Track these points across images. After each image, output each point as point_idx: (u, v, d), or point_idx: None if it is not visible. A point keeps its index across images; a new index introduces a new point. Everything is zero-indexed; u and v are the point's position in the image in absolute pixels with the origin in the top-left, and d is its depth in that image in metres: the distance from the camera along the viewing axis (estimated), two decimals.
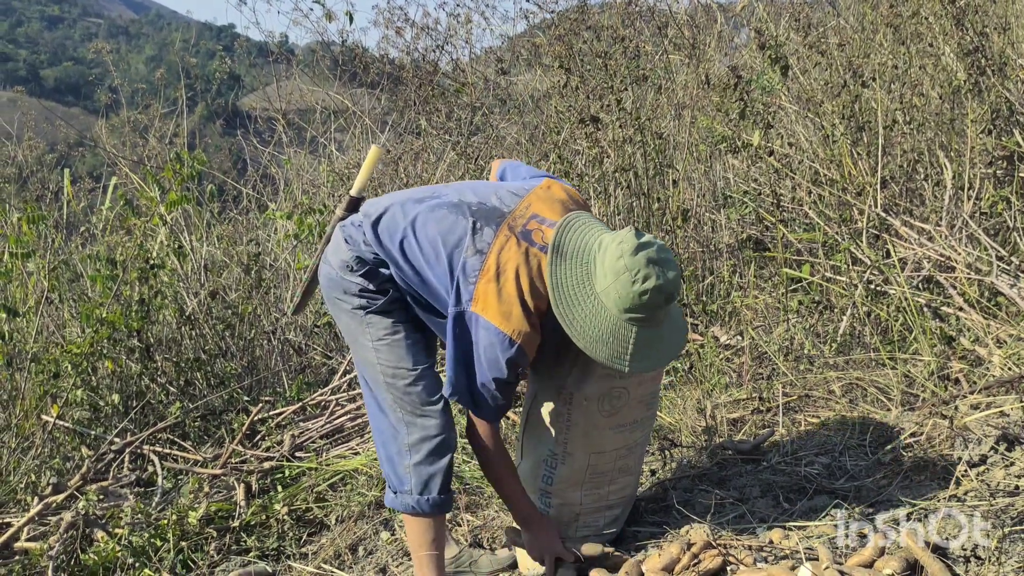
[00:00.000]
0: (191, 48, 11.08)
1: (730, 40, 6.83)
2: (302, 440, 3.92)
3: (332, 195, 5.90)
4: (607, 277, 2.21)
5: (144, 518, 3.33)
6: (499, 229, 2.34)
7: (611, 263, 2.21)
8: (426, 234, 2.39)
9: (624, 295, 2.19)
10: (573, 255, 2.27)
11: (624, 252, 2.19)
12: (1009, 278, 3.74)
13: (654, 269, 2.18)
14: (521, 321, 2.26)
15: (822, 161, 4.51)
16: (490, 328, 2.26)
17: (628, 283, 2.18)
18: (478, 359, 2.30)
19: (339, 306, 2.50)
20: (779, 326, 4.10)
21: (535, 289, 2.29)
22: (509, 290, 2.27)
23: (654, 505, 2.89)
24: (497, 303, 2.26)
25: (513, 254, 2.30)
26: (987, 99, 4.36)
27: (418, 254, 2.39)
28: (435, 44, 7.24)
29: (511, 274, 2.28)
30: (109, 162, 6.32)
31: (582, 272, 2.26)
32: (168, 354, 4.66)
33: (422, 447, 2.43)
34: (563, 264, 2.27)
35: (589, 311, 2.24)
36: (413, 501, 2.45)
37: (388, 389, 2.45)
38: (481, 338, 2.28)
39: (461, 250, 2.33)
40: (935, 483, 2.64)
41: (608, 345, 2.23)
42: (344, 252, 2.47)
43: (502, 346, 2.26)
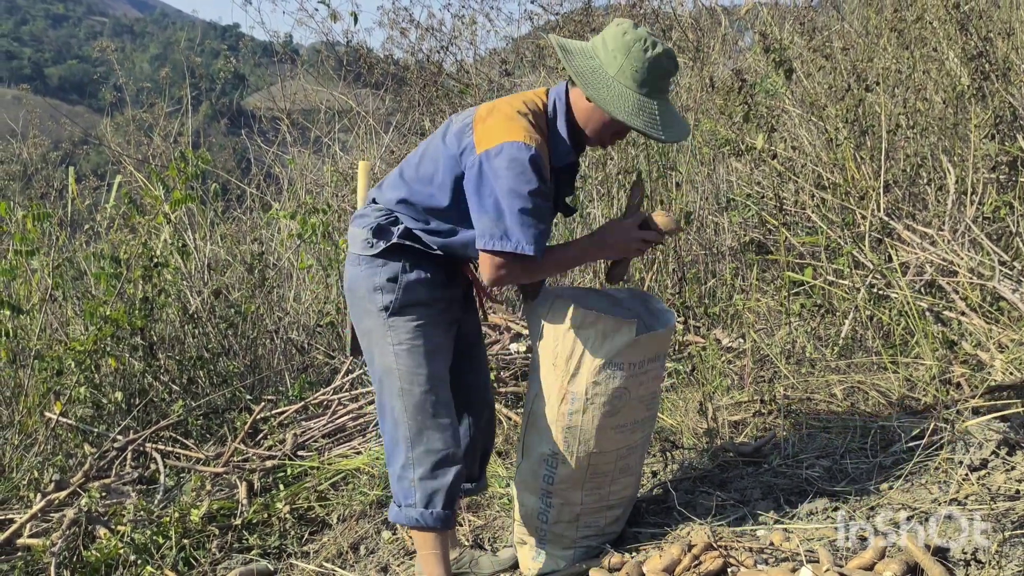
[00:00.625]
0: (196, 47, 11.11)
1: (734, 43, 6.84)
2: (304, 439, 3.93)
3: (336, 195, 5.92)
4: (618, 57, 2.29)
5: (146, 515, 3.35)
6: (476, 107, 2.44)
7: (617, 42, 2.30)
8: (416, 152, 2.48)
9: (639, 65, 2.28)
10: (578, 52, 2.35)
11: (627, 29, 2.30)
12: (1011, 283, 3.75)
13: (656, 38, 2.32)
14: (528, 128, 2.29)
15: (825, 165, 4.51)
16: (502, 147, 2.26)
17: (641, 52, 2.28)
18: (504, 190, 2.26)
19: (363, 309, 2.48)
20: (781, 329, 4.10)
21: (529, 104, 2.36)
22: (505, 111, 2.32)
23: (655, 506, 2.89)
24: (498, 127, 2.29)
25: (498, 101, 2.40)
26: (991, 104, 4.36)
27: (416, 168, 2.43)
28: (439, 45, 7.26)
29: (501, 104, 2.36)
30: (113, 160, 6.35)
31: (591, 65, 2.32)
32: (171, 352, 4.68)
33: (427, 460, 2.43)
34: (574, 59, 2.33)
35: (613, 94, 2.29)
36: (417, 515, 2.44)
37: (402, 397, 2.43)
38: (498, 165, 2.27)
39: (449, 128, 2.41)
40: (936, 486, 2.64)
41: (641, 117, 2.30)
42: (361, 232, 2.47)
43: (520, 152, 2.25)
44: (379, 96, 7.63)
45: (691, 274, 4.69)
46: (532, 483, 2.66)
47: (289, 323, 5.12)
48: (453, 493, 2.47)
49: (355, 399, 4.20)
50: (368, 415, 4.02)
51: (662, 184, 4.88)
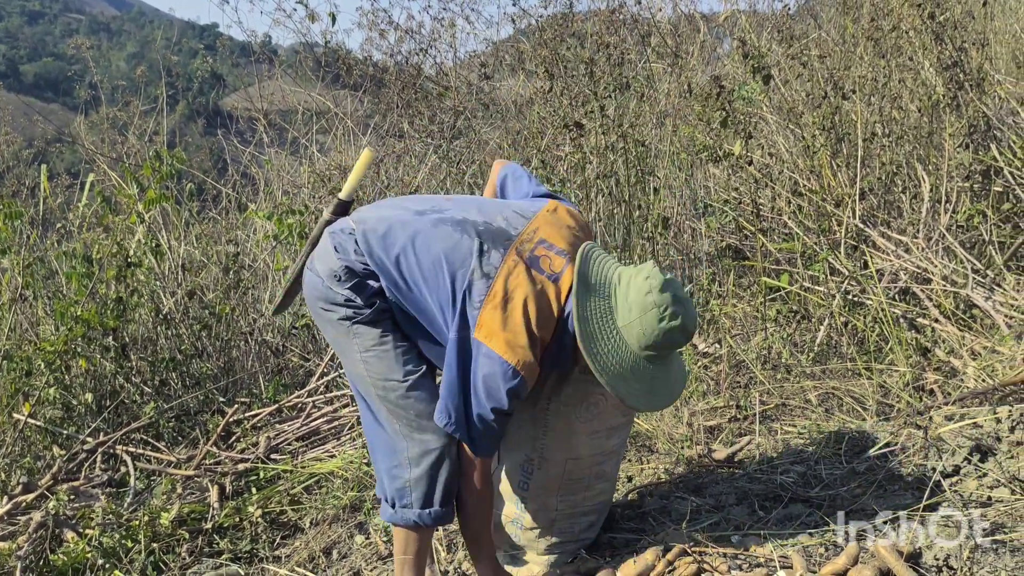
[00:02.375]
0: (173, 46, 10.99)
1: (712, 50, 6.88)
2: (278, 442, 3.89)
3: (313, 196, 5.88)
4: (632, 312, 2.20)
5: (115, 519, 3.30)
6: (507, 253, 2.27)
7: (638, 298, 2.20)
8: (428, 251, 2.29)
9: (649, 331, 2.19)
10: (596, 289, 2.24)
11: (653, 288, 2.19)
12: (984, 291, 3.78)
13: (680, 307, 2.20)
14: (526, 352, 2.20)
15: (802, 172, 4.54)
16: (493, 357, 2.19)
17: (655, 319, 2.18)
18: (475, 388, 2.23)
19: (324, 316, 2.40)
20: (757, 335, 4.12)
21: (542, 319, 2.23)
22: (516, 319, 2.20)
23: (630, 512, 2.89)
24: (502, 331, 2.19)
25: (521, 280, 2.24)
26: (965, 114, 4.41)
27: (416, 272, 2.30)
28: (419, 47, 7.24)
29: (519, 302, 2.22)
30: (87, 159, 6.27)
31: (604, 306, 2.24)
32: (143, 353, 4.62)
33: (423, 460, 2.35)
34: (588, 298, 2.23)
35: (611, 346, 2.22)
36: (415, 515, 2.38)
37: (382, 401, 2.36)
38: (482, 366, 2.21)
39: (466, 271, 2.25)
40: (909, 493, 2.65)
41: (628, 382, 2.23)
42: (332, 261, 2.35)
43: (504, 376, 2.20)
44: (357, 98, 7.60)
45: None
46: (507, 489, 2.64)
47: (264, 325, 5.07)
48: (450, 488, 2.40)
49: (330, 402, 4.16)
50: (343, 418, 3.99)
51: (640, 189, 4.89)
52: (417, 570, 2.47)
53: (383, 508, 2.45)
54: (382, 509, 2.46)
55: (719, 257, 4.87)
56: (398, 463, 2.37)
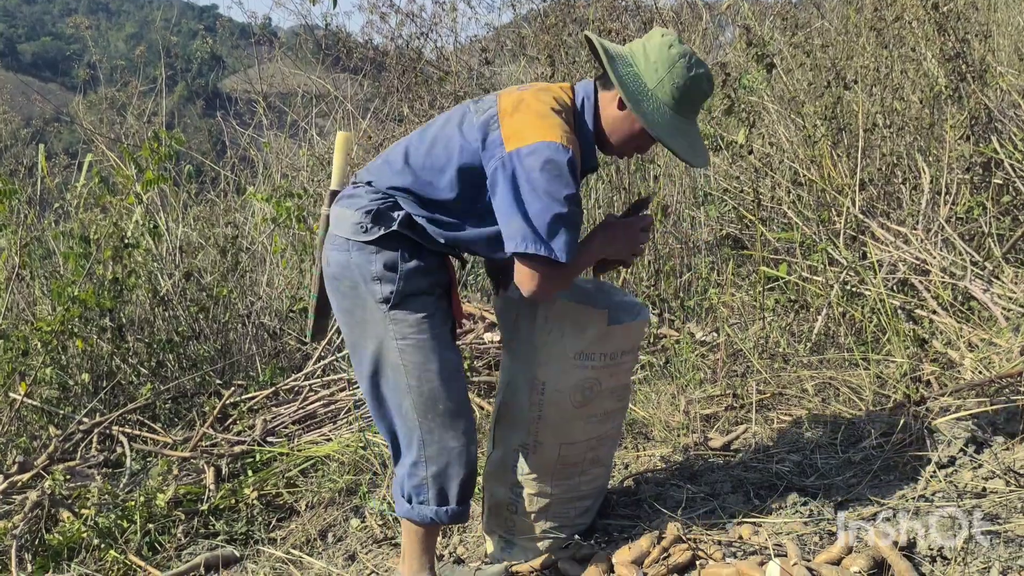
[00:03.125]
0: (172, 27, 10.95)
1: (715, 39, 6.84)
2: (274, 425, 3.89)
3: (312, 179, 5.86)
4: (659, 70, 2.20)
5: (111, 499, 3.31)
6: (497, 94, 2.30)
7: (661, 55, 2.20)
8: (427, 136, 2.30)
9: (681, 83, 2.20)
10: (617, 57, 2.24)
11: (672, 42, 2.21)
12: (982, 283, 3.78)
13: (698, 57, 2.23)
14: (564, 128, 2.17)
15: (802, 161, 4.53)
16: (536, 148, 2.13)
17: (684, 69, 2.20)
18: (536, 193, 2.13)
19: (356, 299, 2.30)
20: (755, 324, 4.12)
21: (558, 103, 2.23)
22: (535, 107, 2.19)
23: (626, 498, 2.89)
24: (530, 124, 2.16)
25: (523, 92, 2.25)
26: (966, 105, 4.39)
27: (425, 158, 2.27)
28: (420, 31, 7.19)
29: (530, 99, 2.22)
30: (85, 139, 6.26)
31: (632, 73, 2.22)
32: (140, 335, 4.62)
33: (442, 457, 2.32)
34: (617, 66, 2.21)
35: (653, 106, 2.21)
36: (432, 512, 2.35)
37: (410, 393, 2.29)
38: (532, 165, 2.13)
39: (469, 119, 2.25)
40: (904, 483, 2.66)
41: (675, 138, 2.24)
42: (352, 215, 2.28)
43: (557, 154, 2.12)
44: (357, 81, 7.56)
45: (667, 267, 4.70)
46: (502, 473, 2.64)
47: (261, 308, 5.07)
48: (469, 487, 2.38)
49: (326, 385, 4.16)
50: (340, 402, 3.99)
51: (640, 177, 4.88)
52: (429, 565, 2.47)
53: (399, 503, 2.41)
54: (397, 504, 2.42)
55: (718, 246, 4.87)
56: (416, 460, 2.33)
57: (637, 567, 2.38)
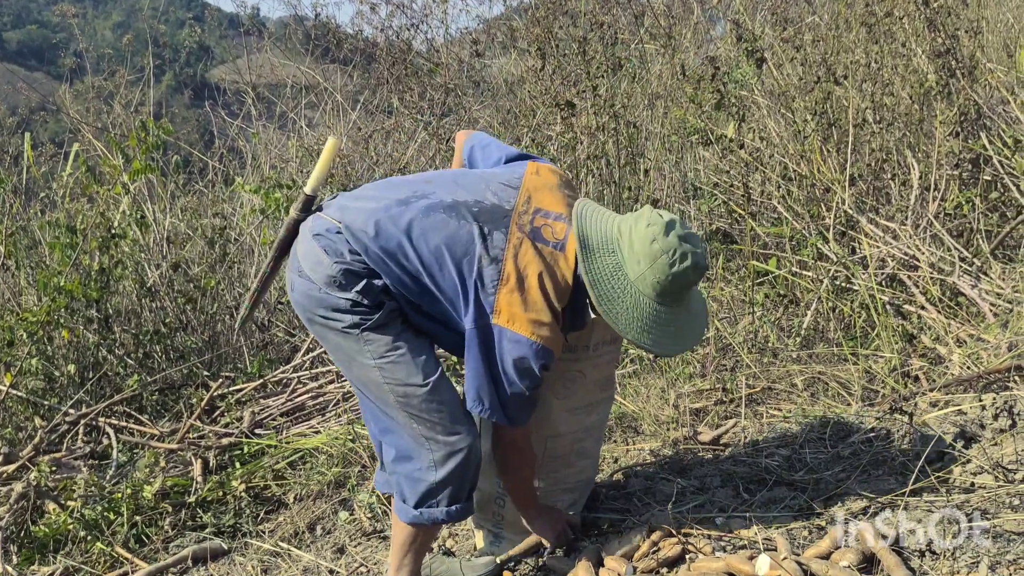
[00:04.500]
0: (160, 16, 10.86)
1: (706, 32, 6.84)
2: (262, 417, 3.88)
3: (301, 171, 5.83)
4: (641, 264, 2.17)
5: (97, 491, 3.28)
6: (508, 231, 2.22)
7: (643, 248, 2.17)
8: (427, 244, 2.21)
9: (663, 278, 2.16)
10: (599, 247, 2.20)
11: (656, 235, 2.16)
12: (971, 279, 3.80)
13: (687, 247, 2.17)
14: (551, 327, 2.18)
15: (792, 156, 4.53)
16: (520, 340, 2.16)
17: (666, 266, 2.15)
18: (505, 374, 2.19)
19: (326, 325, 2.25)
20: (744, 318, 4.13)
21: (558, 291, 2.21)
22: (535, 297, 2.17)
23: (615, 492, 2.89)
24: (524, 312, 2.16)
25: (531, 257, 2.20)
26: (956, 101, 4.40)
27: (418, 265, 2.20)
28: (410, 23, 7.18)
29: (534, 280, 2.18)
30: (72, 128, 6.20)
31: (612, 263, 2.20)
32: (127, 326, 4.58)
33: (449, 462, 2.28)
34: (594, 259, 2.19)
35: (629, 303, 2.19)
36: (442, 514, 2.32)
37: (401, 408, 2.25)
38: (508, 351, 2.17)
39: (472, 259, 2.19)
40: (893, 478, 2.66)
41: (652, 333, 2.21)
42: (328, 266, 2.20)
43: (535, 356, 2.17)
44: (347, 72, 7.53)
45: None
46: (488, 467, 2.63)
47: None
48: (474, 483, 2.38)
49: (315, 378, 4.15)
50: (328, 394, 3.98)
51: (630, 171, 4.87)
52: (419, 563, 2.45)
53: (401, 509, 2.36)
54: (400, 510, 2.37)
55: (708, 240, 4.87)
56: (421, 467, 2.29)
57: (627, 561, 2.38)
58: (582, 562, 2.40)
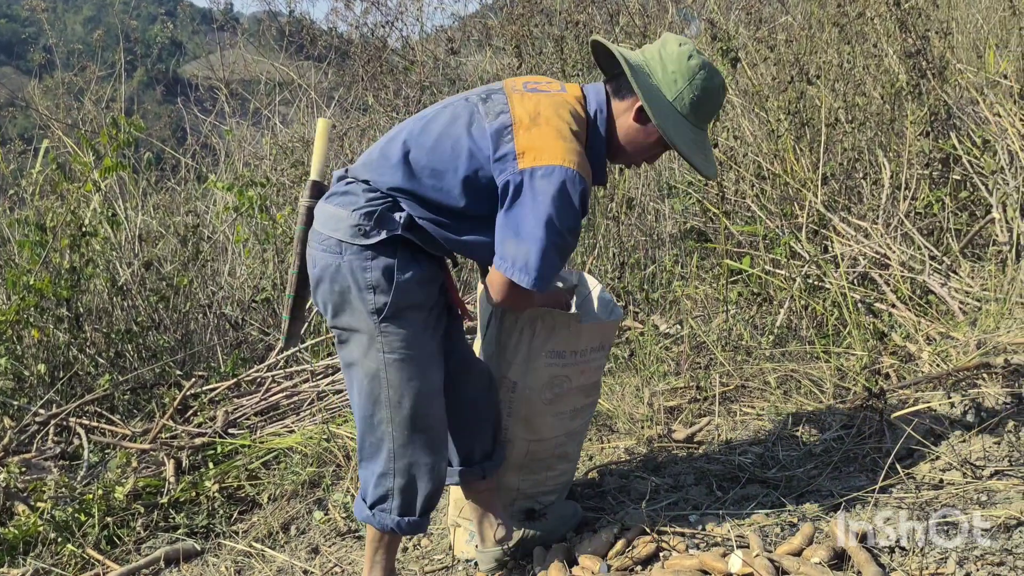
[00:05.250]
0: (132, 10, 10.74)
1: (681, 31, 6.87)
2: (236, 416, 3.85)
3: (275, 168, 5.79)
4: (679, 82, 2.17)
5: (68, 492, 3.25)
6: (506, 94, 2.19)
7: (680, 65, 2.17)
8: (430, 135, 2.17)
9: (699, 95, 2.18)
10: (635, 66, 2.18)
11: (691, 52, 2.18)
12: (940, 277, 3.85)
13: (714, 67, 2.21)
14: (579, 153, 2.11)
15: (766, 155, 4.57)
16: (552, 172, 2.06)
17: (703, 82, 2.18)
18: (540, 220, 2.06)
19: (348, 306, 2.19)
20: (718, 316, 4.15)
21: (575, 119, 2.16)
22: (555, 124, 2.11)
23: (590, 490, 2.90)
24: (549, 144, 2.08)
25: (537, 98, 2.16)
26: (926, 102, 4.45)
27: (428, 159, 2.15)
28: (385, 20, 7.14)
29: (547, 112, 2.13)
30: (41, 124, 6.11)
31: (649, 83, 2.18)
32: (98, 325, 4.53)
33: (412, 471, 2.27)
34: (639, 77, 2.15)
35: (673, 120, 2.18)
36: (392, 523, 2.31)
37: (389, 407, 2.23)
38: (542, 189, 2.06)
39: (480, 121, 2.14)
40: (863, 475, 2.70)
41: (698, 153, 2.23)
42: (348, 216, 2.15)
43: (572, 183, 2.06)
44: (321, 69, 7.49)
45: (632, 260, 4.71)
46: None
47: (223, 298, 5.00)
48: (433, 501, 2.34)
49: (289, 377, 4.12)
50: (303, 393, 3.95)
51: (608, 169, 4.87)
52: (390, 560, 2.44)
53: (359, 506, 2.36)
54: (357, 506, 2.37)
55: (682, 238, 4.89)
56: (384, 471, 2.28)
57: (600, 559, 2.39)
58: (555, 561, 2.41)
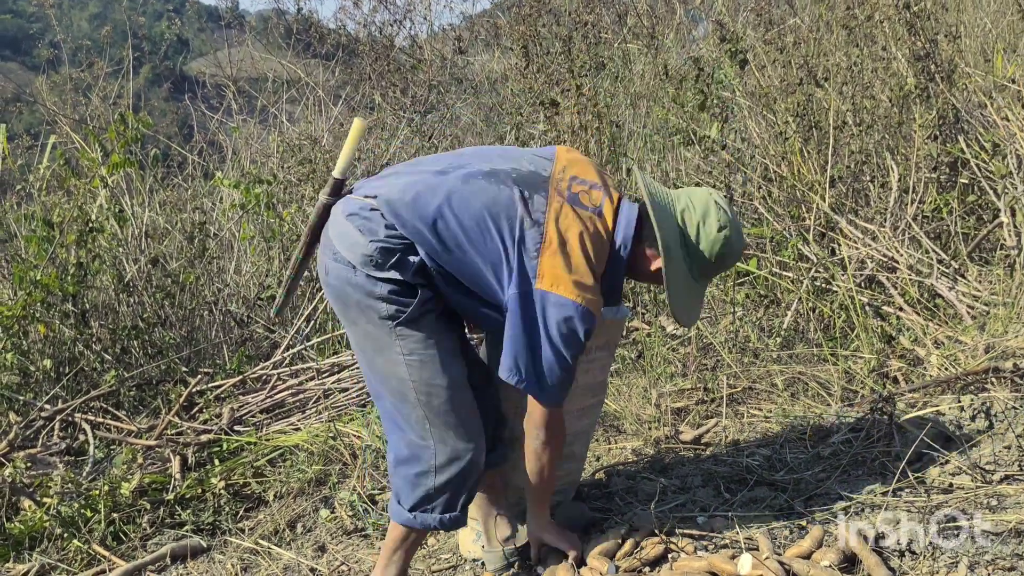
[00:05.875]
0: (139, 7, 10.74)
1: (688, 32, 6.87)
2: (241, 414, 3.85)
3: (282, 166, 5.79)
4: (704, 257, 2.31)
5: (74, 488, 3.25)
6: (548, 195, 2.22)
7: (713, 248, 2.30)
8: (468, 209, 2.18)
9: (717, 265, 2.35)
10: (660, 209, 2.29)
11: (728, 234, 2.31)
12: (948, 281, 3.84)
13: (737, 231, 2.34)
14: (593, 290, 2.19)
15: (773, 157, 4.56)
16: (565, 303, 2.15)
17: (727, 252, 2.32)
18: (550, 338, 2.17)
19: (362, 314, 2.22)
20: (725, 318, 4.14)
21: (599, 253, 2.22)
22: (578, 259, 2.17)
23: (597, 491, 2.90)
24: (568, 275, 2.15)
25: (572, 220, 2.20)
26: (934, 105, 4.44)
27: (458, 232, 2.18)
28: (393, 18, 7.15)
29: (575, 242, 2.18)
30: (48, 120, 6.11)
31: (672, 230, 2.29)
32: (104, 321, 4.53)
33: (451, 468, 2.27)
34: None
35: (681, 272, 2.31)
36: (435, 521, 2.31)
37: (419, 406, 2.24)
38: (553, 315, 2.15)
39: (514, 222, 2.18)
40: (872, 478, 2.69)
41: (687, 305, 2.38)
42: (364, 246, 2.18)
43: (580, 318, 2.16)
44: (329, 68, 7.48)
45: None
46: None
47: (229, 295, 5.00)
48: (473, 492, 2.37)
49: (295, 374, 4.12)
50: (308, 391, 3.95)
51: (612, 170, 4.88)
52: (407, 561, 2.44)
53: (396, 510, 2.35)
54: (394, 511, 2.35)
55: None
56: (422, 470, 2.28)
57: (609, 560, 2.38)
58: (563, 562, 2.40)
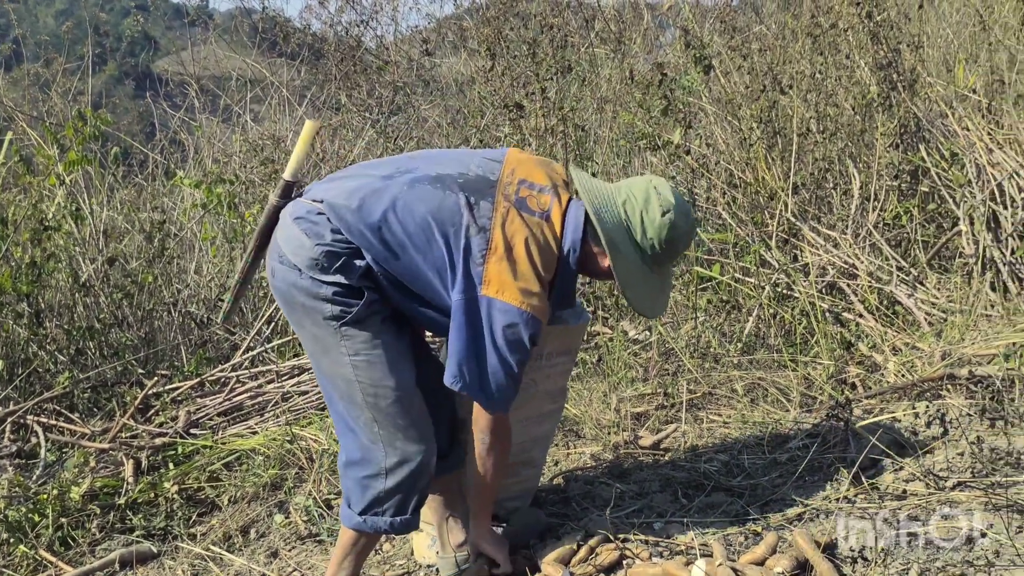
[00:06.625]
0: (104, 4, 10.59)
1: (655, 38, 6.89)
2: (198, 417, 3.79)
3: (244, 166, 5.72)
4: (654, 247, 2.27)
5: (22, 492, 3.18)
6: (495, 201, 2.21)
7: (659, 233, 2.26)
8: (412, 215, 2.18)
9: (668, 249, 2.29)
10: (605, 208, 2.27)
11: (672, 218, 2.26)
12: (907, 288, 3.87)
13: (683, 214, 2.29)
14: (540, 296, 2.18)
15: (737, 164, 4.58)
16: (510, 309, 2.15)
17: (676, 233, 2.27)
18: (494, 345, 2.17)
19: (307, 316, 2.22)
20: (687, 323, 4.15)
21: (545, 260, 2.21)
22: (523, 266, 2.17)
23: (554, 496, 2.88)
24: (513, 281, 2.15)
25: (518, 226, 2.19)
26: (896, 114, 4.49)
27: (402, 237, 2.17)
28: (360, 19, 7.10)
29: (521, 248, 2.17)
30: (5, 116, 6.00)
31: (619, 224, 2.26)
32: (59, 321, 4.45)
33: (401, 470, 2.25)
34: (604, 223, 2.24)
35: (632, 263, 2.28)
36: (386, 524, 2.29)
37: (367, 408, 2.22)
38: (498, 320, 2.15)
39: (460, 229, 2.17)
40: (828, 484, 2.69)
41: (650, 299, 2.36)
42: (310, 249, 2.17)
43: (524, 324, 2.16)
44: (294, 67, 7.42)
45: None
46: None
47: (188, 296, 4.93)
48: (424, 495, 2.34)
49: (254, 377, 4.06)
50: (267, 394, 3.90)
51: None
52: (358, 566, 2.41)
53: (346, 513, 2.32)
54: (344, 514, 2.33)
55: None
56: (372, 473, 2.26)
57: (563, 566, 2.36)
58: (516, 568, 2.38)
